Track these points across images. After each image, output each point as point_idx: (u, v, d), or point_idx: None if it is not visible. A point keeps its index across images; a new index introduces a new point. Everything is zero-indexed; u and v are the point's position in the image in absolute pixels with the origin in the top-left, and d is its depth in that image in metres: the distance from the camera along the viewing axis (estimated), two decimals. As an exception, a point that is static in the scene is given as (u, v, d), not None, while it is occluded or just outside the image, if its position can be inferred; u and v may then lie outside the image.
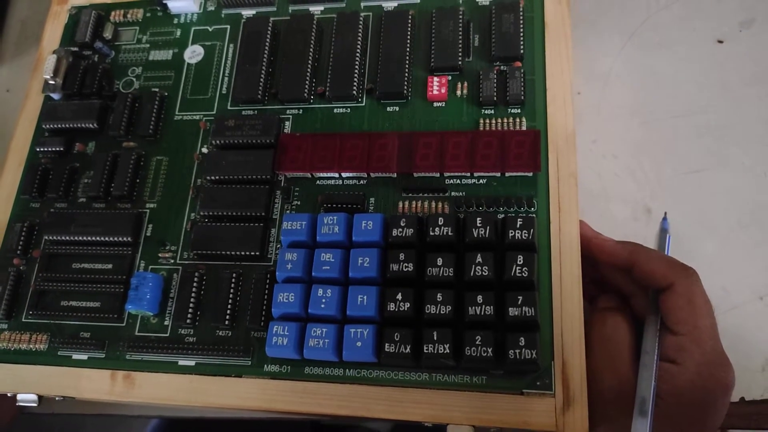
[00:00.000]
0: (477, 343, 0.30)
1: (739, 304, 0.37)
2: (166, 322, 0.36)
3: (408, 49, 0.38)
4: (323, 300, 0.32)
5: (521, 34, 0.37)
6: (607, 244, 0.34)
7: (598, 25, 0.44)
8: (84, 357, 0.36)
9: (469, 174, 0.35)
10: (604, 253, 0.34)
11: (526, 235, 0.32)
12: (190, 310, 0.35)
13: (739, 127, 0.40)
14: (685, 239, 0.38)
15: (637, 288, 0.34)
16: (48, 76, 0.41)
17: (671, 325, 0.31)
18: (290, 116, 0.39)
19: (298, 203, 0.37)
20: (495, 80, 0.36)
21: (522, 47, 0.37)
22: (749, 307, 0.37)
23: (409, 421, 0.32)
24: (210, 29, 0.42)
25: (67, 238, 0.38)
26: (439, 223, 0.33)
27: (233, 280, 0.35)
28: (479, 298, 0.31)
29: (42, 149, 0.41)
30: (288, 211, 0.37)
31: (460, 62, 0.37)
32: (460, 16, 0.38)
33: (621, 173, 0.40)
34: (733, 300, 0.37)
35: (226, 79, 0.41)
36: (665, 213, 0.38)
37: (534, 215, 0.34)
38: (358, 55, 0.39)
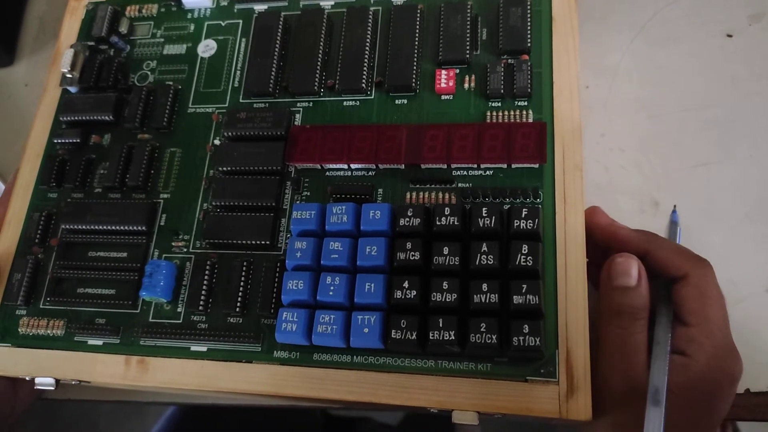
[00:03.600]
0: (482, 330, 0.31)
1: (747, 296, 0.37)
2: (179, 309, 0.37)
3: (416, 43, 0.39)
4: (332, 287, 0.33)
5: (528, 28, 0.37)
6: (621, 232, 0.33)
7: (607, 19, 0.44)
8: (99, 342, 0.37)
9: (475, 165, 0.35)
10: (618, 240, 0.33)
11: (531, 224, 0.32)
12: (203, 298, 0.36)
13: (747, 120, 0.40)
14: (692, 232, 0.38)
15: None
16: (65, 70, 0.42)
17: (683, 316, 0.31)
18: (300, 109, 0.40)
19: (308, 194, 0.37)
20: (502, 73, 0.37)
21: (529, 40, 0.37)
22: (757, 299, 0.37)
23: (415, 407, 0.32)
24: (223, 24, 0.43)
25: (84, 227, 0.39)
26: (446, 213, 0.33)
27: (244, 268, 0.36)
28: (484, 287, 0.31)
29: (59, 141, 0.42)
30: (298, 202, 0.37)
31: (467, 55, 0.38)
32: (468, 10, 0.39)
33: (628, 166, 0.40)
34: (740, 292, 0.37)
35: (238, 72, 0.42)
36: (674, 206, 0.39)
37: (539, 206, 0.34)
38: (367, 48, 0.39)
